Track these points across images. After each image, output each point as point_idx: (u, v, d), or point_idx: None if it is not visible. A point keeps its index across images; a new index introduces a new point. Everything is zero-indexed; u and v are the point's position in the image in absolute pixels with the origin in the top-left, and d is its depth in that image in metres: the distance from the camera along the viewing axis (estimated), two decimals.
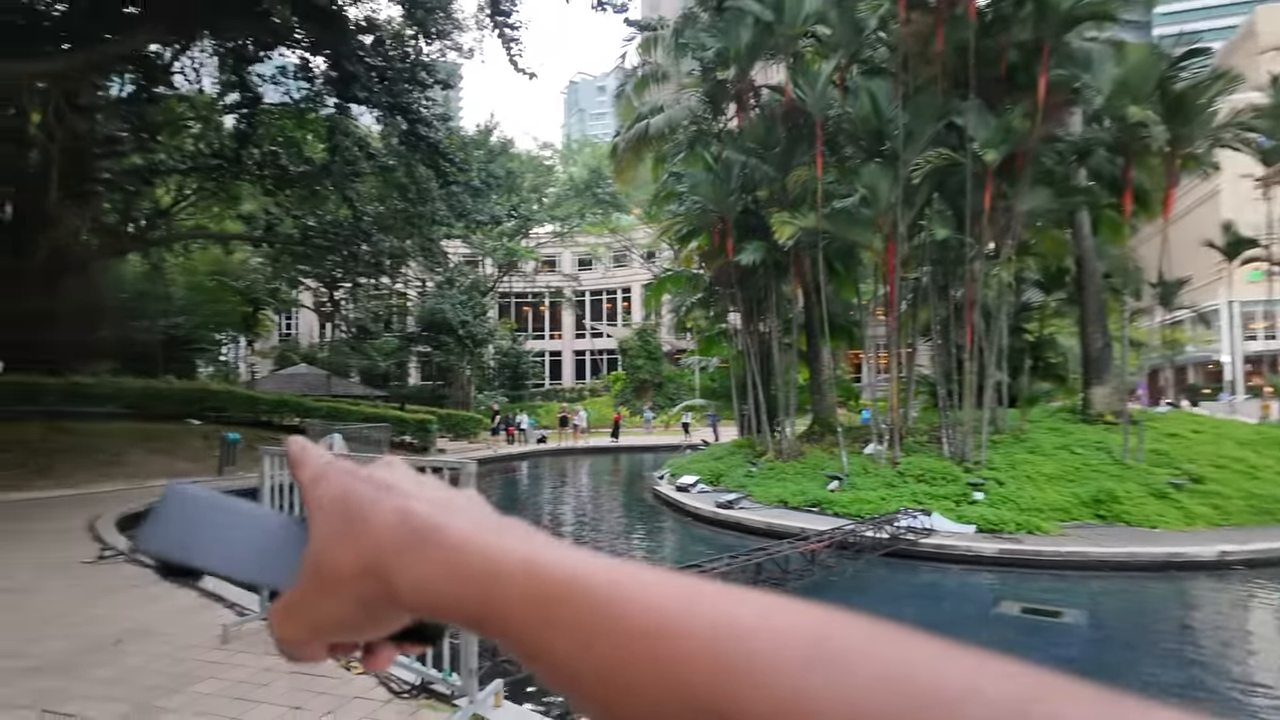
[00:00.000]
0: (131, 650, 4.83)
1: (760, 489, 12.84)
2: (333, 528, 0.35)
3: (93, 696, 4.07)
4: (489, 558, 0.31)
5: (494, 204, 24.57)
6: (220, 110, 22.37)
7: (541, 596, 0.29)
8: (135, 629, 5.30)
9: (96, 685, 4.24)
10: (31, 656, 4.69)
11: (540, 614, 0.28)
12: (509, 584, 0.29)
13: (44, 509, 12.10)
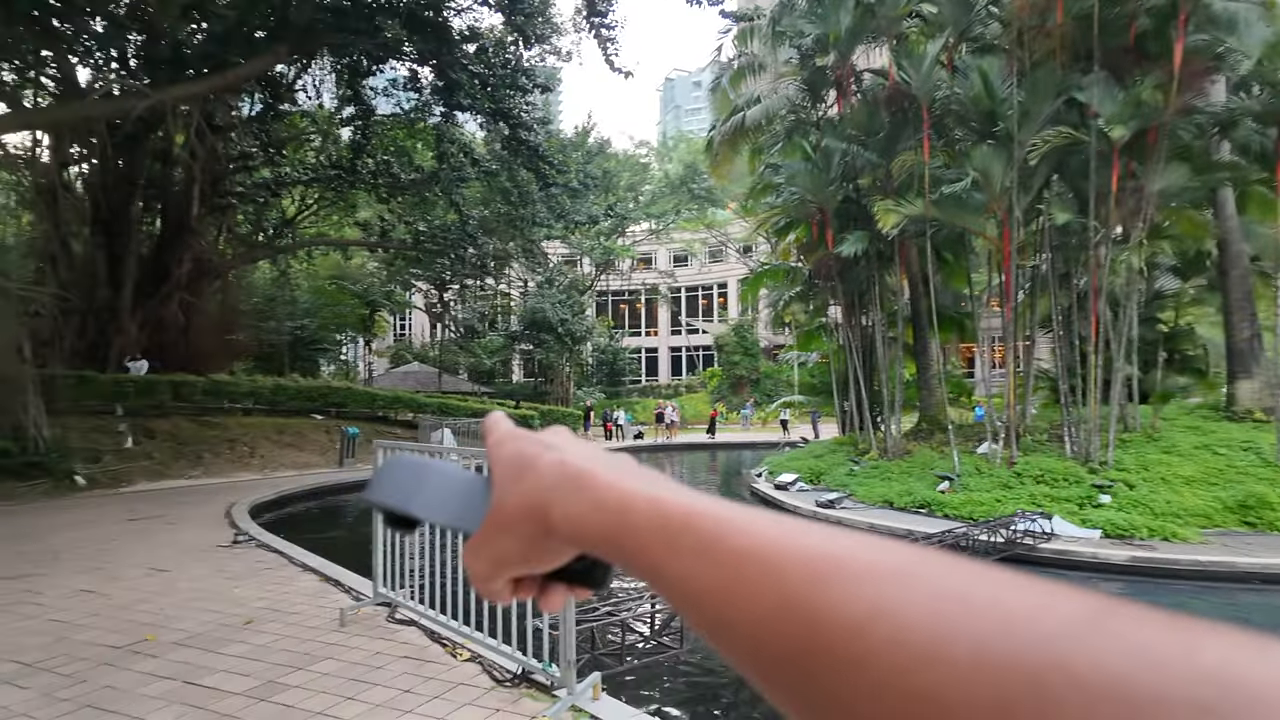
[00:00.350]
0: (261, 629, 5.21)
1: (863, 488, 12.42)
2: (508, 477, 0.42)
3: (226, 670, 4.41)
4: (624, 495, 0.37)
5: (591, 204, 25.00)
6: (338, 124, 23.84)
7: (666, 526, 0.34)
8: (265, 609, 5.71)
9: (230, 660, 4.59)
10: (178, 631, 5.14)
11: (665, 540, 0.34)
12: (639, 516, 0.36)
13: (191, 495, 13.28)
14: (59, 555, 7.85)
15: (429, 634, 5.05)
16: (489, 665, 4.46)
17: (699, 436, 32.22)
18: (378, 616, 5.49)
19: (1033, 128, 11.40)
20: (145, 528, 9.69)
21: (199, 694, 4.05)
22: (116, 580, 6.67)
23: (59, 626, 5.28)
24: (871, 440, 14.80)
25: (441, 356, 41.12)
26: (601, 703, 3.99)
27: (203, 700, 3.96)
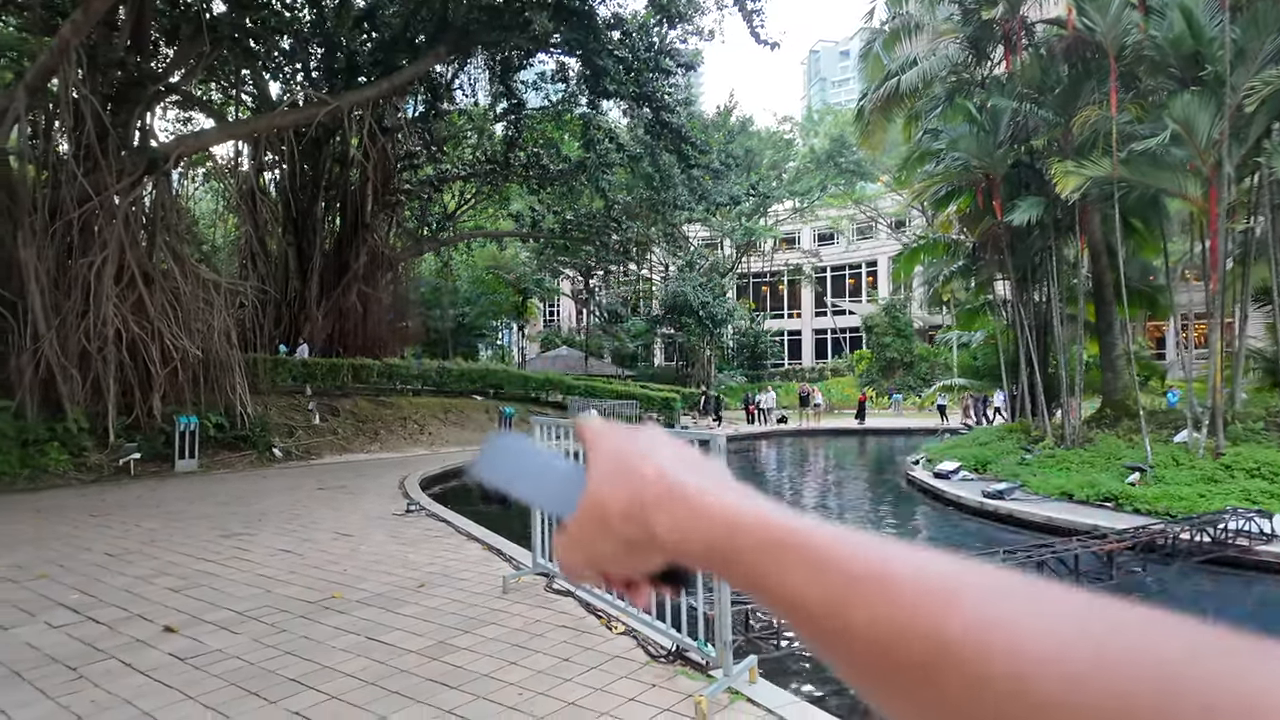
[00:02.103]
0: (433, 593, 5.55)
1: (1037, 479, 11.39)
2: (607, 476, 0.43)
3: (403, 629, 4.73)
4: (728, 510, 0.38)
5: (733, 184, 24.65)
6: (491, 120, 25.06)
7: (772, 542, 0.35)
8: (436, 574, 6.09)
9: (406, 619, 4.92)
10: (364, 592, 5.59)
11: (774, 558, 0.35)
12: (747, 535, 0.36)
13: (370, 468, 14.53)
14: (263, 518, 8.82)
15: (585, 605, 5.17)
16: (643, 640, 4.49)
17: (845, 422, 31.08)
18: (536, 585, 5.70)
19: (1250, 69, 9.85)
20: (332, 496, 10.70)
21: (380, 649, 4.37)
22: (309, 542, 7.39)
23: (265, 580, 5.90)
24: (1046, 427, 13.55)
25: (587, 341, 42.37)
26: (758, 686, 3.89)
27: (384, 656, 4.27)
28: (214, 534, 7.81)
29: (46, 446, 12.04)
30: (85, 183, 12.44)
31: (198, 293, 14.26)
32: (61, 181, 12.41)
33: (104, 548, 7.14)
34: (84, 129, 12.41)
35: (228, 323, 14.86)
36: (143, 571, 6.20)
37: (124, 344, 12.77)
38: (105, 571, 6.22)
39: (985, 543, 9.26)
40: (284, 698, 3.71)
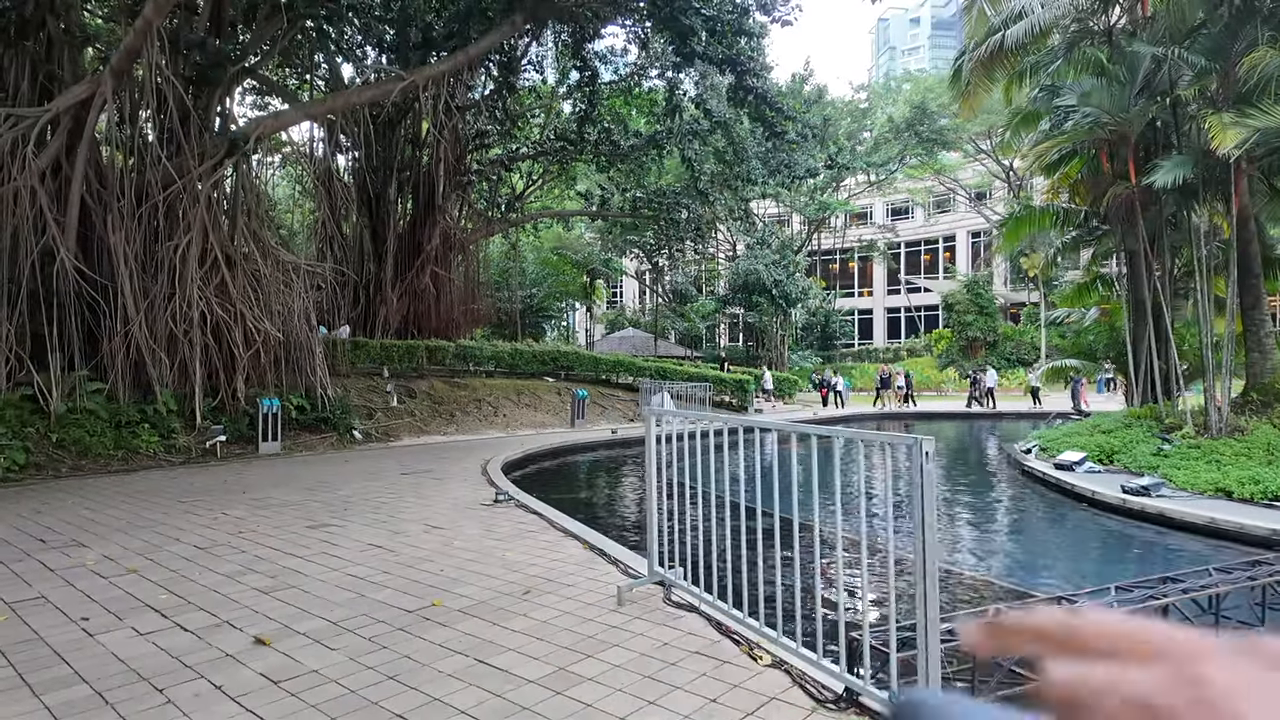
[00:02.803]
0: (540, 602, 4.97)
1: (1182, 473, 10.15)
2: None
3: (515, 649, 4.14)
4: None
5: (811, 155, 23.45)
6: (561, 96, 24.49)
7: None
8: (539, 578, 5.52)
9: (516, 637, 4.34)
10: (462, 597, 5.06)
11: None
12: None
13: (449, 451, 14.25)
14: (349, 506, 8.48)
15: (713, 624, 4.50)
16: (799, 677, 3.79)
17: (933, 405, 29.60)
18: (653, 596, 5.07)
19: None
20: (417, 482, 10.35)
21: (493, 677, 3.79)
22: (399, 536, 6.95)
23: (357, 583, 5.44)
24: (1186, 415, 12.17)
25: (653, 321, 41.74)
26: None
27: (498, 685, 3.69)
28: (301, 524, 7.47)
29: (138, 428, 12.12)
30: (169, 166, 12.38)
31: (277, 275, 14.18)
32: (147, 165, 12.38)
33: (192, 538, 6.87)
34: (167, 112, 12.33)
35: (307, 305, 14.76)
36: (230, 568, 5.84)
37: (208, 326, 12.76)
38: (193, 567, 5.89)
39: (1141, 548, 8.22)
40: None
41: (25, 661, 4.00)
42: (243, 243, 13.81)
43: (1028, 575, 7.50)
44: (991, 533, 9.71)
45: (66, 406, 11.31)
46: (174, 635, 4.40)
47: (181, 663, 3.98)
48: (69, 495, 9.36)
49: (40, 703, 3.49)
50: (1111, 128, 11.80)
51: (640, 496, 7.07)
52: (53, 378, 11.15)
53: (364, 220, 21.14)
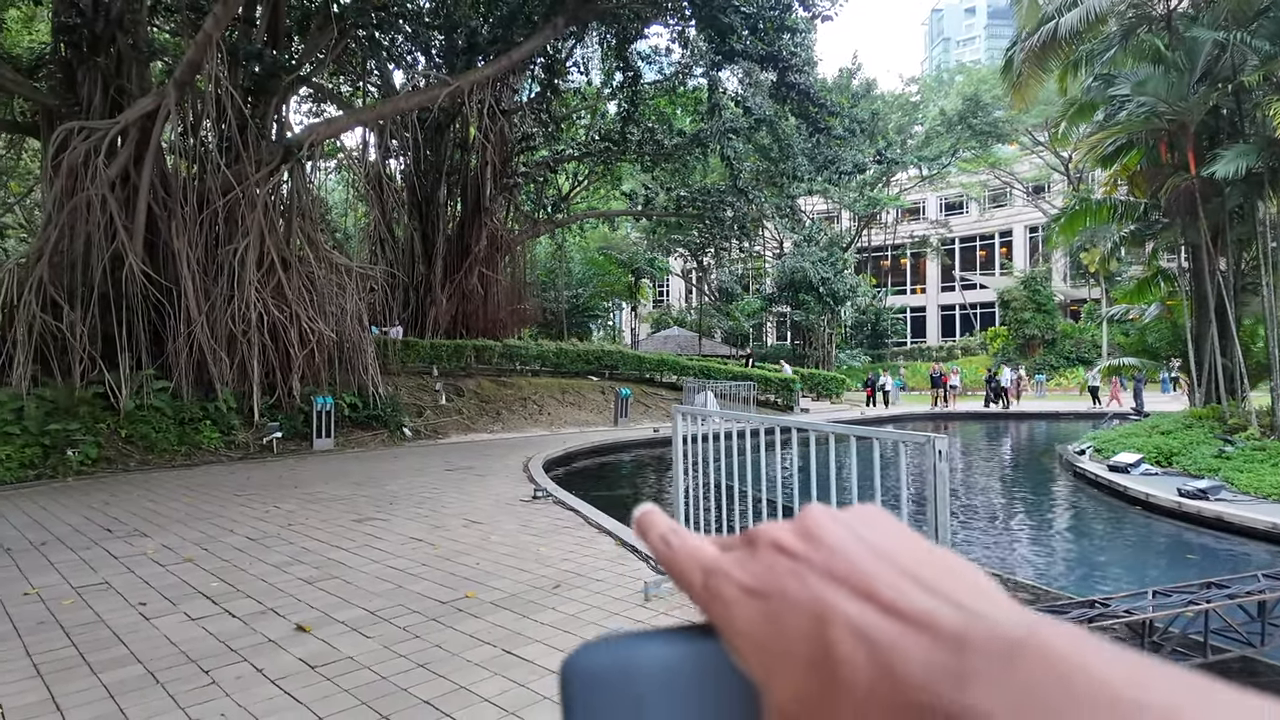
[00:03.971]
0: (569, 595, 5.09)
1: (1245, 475, 9.71)
2: (786, 674, 0.25)
3: (542, 641, 4.26)
4: None
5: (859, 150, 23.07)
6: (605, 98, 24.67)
7: None
8: (570, 573, 5.64)
9: (544, 629, 4.45)
10: (497, 591, 5.20)
11: None
12: None
13: (494, 449, 14.53)
14: (395, 501, 8.76)
15: None
16: None
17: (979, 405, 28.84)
18: (680, 592, 5.12)
19: None
20: (460, 478, 10.61)
21: (519, 668, 3.91)
22: (440, 530, 7.16)
23: (396, 574, 5.65)
24: (1251, 415, 11.63)
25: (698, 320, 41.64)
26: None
27: (523, 675, 3.81)
28: (348, 518, 7.76)
29: (200, 425, 12.72)
30: (228, 173, 12.94)
31: (331, 277, 14.67)
32: (207, 173, 12.96)
33: (245, 530, 7.20)
34: (226, 121, 12.90)
35: (359, 306, 15.23)
36: (279, 559, 6.12)
37: (266, 327, 13.28)
38: (244, 557, 6.19)
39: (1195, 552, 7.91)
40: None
41: (86, 642, 4.29)
42: (298, 246, 14.35)
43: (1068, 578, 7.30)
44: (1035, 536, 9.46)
45: (135, 404, 11.94)
46: (222, 621, 4.66)
47: (228, 647, 4.22)
48: (135, 488, 9.90)
49: (98, 680, 3.76)
50: (1170, 117, 11.34)
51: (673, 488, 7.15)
52: (122, 376, 11.79)
53: (414, 223, 21.71)
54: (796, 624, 0.25)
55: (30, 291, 11.23)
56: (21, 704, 3.51)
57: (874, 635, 0.24)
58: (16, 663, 3.99)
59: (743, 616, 0.26)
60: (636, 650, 0.28)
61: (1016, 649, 0.21)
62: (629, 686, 0.27)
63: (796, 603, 0.25)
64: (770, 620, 0.25)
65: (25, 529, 7.40)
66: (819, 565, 0.26)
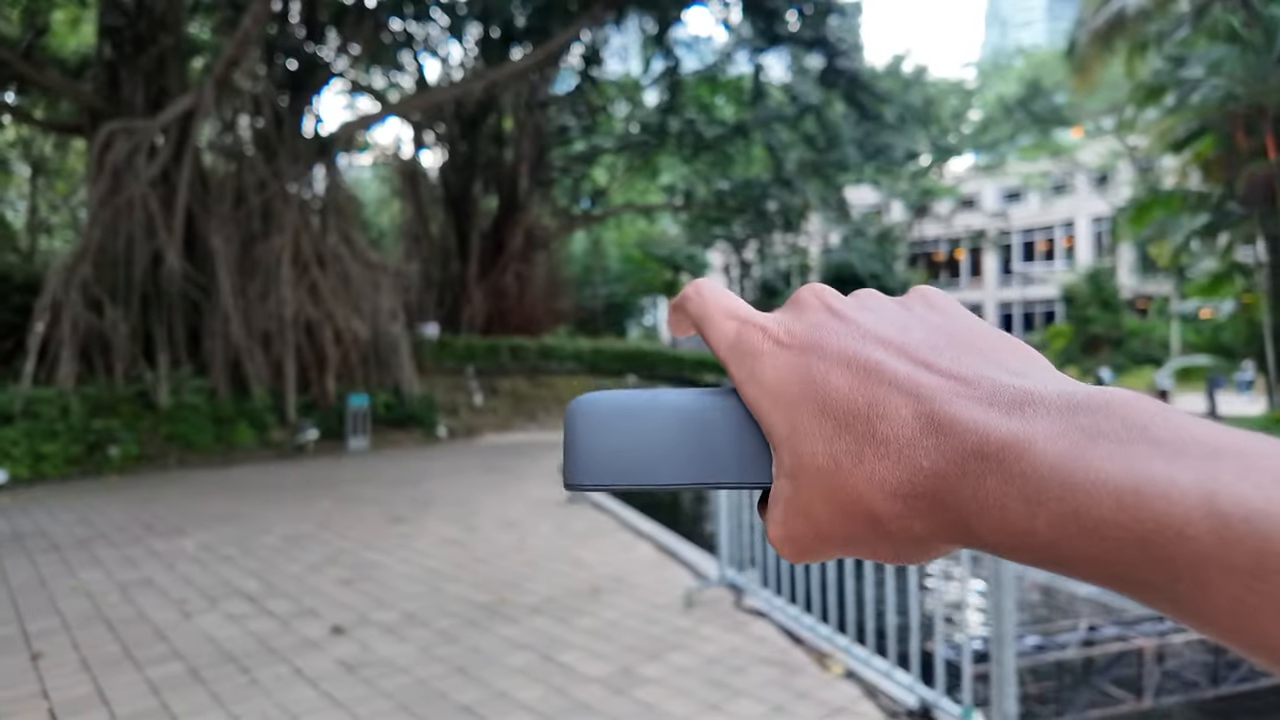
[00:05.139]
0: (608, 601, 4.93)
1: None
2: (815, 431, 0.25)
3: (580, 647, 4.10)
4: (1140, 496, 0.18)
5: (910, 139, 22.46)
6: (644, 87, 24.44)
7: (1255, 564, 0.17)
8: (609, 578, 5.47)
9: (582, 635, 4.30)
10: (534, 595, 5.07)
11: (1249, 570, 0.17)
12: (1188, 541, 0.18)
13: (529, 449, 14.45)
14: (430, 502, 8.70)
15: (787, 633, 4.34)
16: (871, 689, 3.59)
17: None
18: (722, 601, 4.92)
19: None
20: (496, 479, 10.53)
21: (557, 673, 3.77)
22: (475, 532, 7.06)
23: (432, 576, 5.55)
24: None
25: None
26: None
27: (562, 681, 3.66)
28: (382, 519, 7.71)
29: (236, 424, 12.84)
30: (265, 170, 13.04)
31: (366, 275, 14.72)
32: (244, 170, 13.08)
33: (282, 530, 7.19)
34: (263, 118, 13.00)
35: (394, 304, 15.27)
36: (314, 559, 6.07)
37: (301, 325, 13.36)
38: (281, 556, 6.16)
39: None
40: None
41: (131, 637, 4.32)
42: (334, 243, 14.43)
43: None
44: None
45: (173, 402, 12.10)
46: (261, 620, 4.62)
47: (267, 646, 4.18)
48: (174, 486, 10.01)
49: (143, 675, 3.78)
50: (1247, 100, 10.73)
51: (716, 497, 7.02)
52: (161, 374, 11.96)
53: (449, 219, 21.73)
54: (837, 380, 0.24)
55: (75, 290, 11.45)
56: (71, 697, 3.56)
57: (924, 391, 0.23)
58: (66, 656, 4.06)
59: (774, 368, 0.26)
60: (634, 392, 0.31)
61: (1083, 400, 0.21)
62: (616, 405, 0.30)
63: (840, 358, 0.25)
64: (804, 374, 0.25)
65: (71, 525, 7.51)
66: (869, 329, 0.26)
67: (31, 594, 5.19)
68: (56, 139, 19.56)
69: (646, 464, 0.29)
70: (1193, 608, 0.18)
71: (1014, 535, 0.21)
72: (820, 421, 0.24)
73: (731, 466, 0.29)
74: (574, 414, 0.31)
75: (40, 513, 8.18)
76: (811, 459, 0.24)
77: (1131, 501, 0.18)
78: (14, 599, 5.08)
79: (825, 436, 0.24)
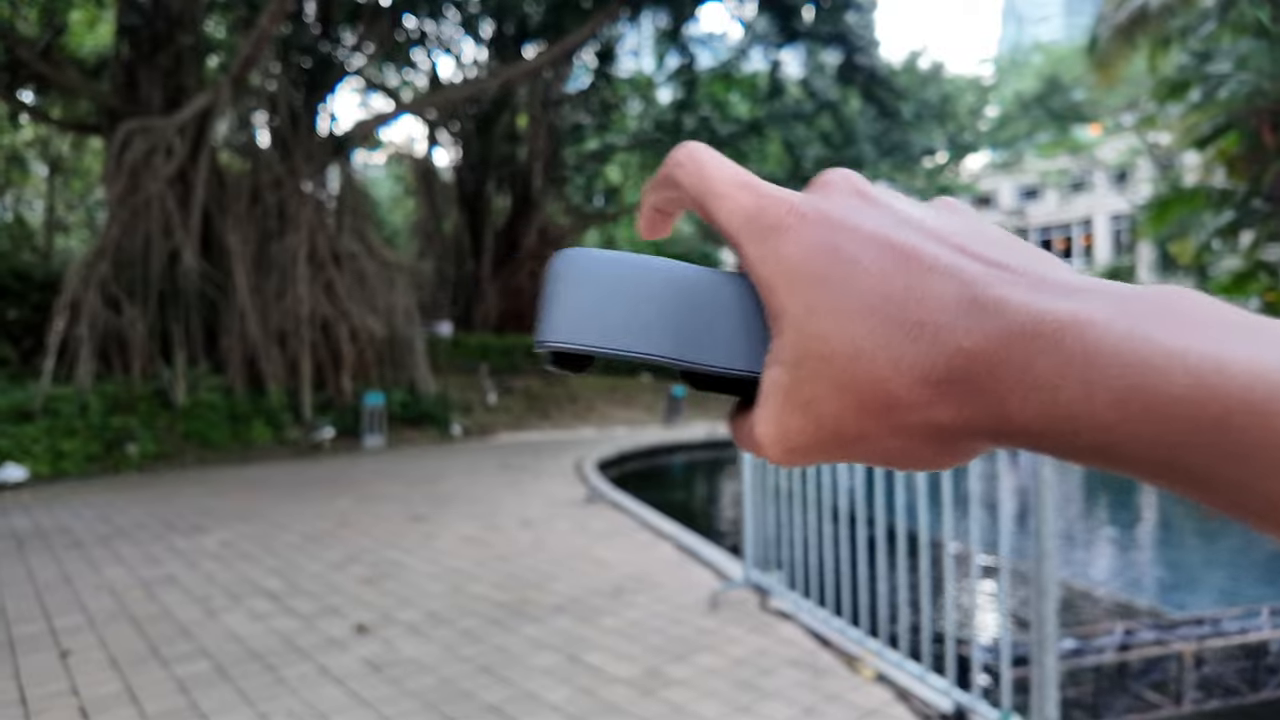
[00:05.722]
0: (631, 601, 4.90)
1: None
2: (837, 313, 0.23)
3: (606, 648, 4.07)
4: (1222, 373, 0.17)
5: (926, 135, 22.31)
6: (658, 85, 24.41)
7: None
8: (631, 578, 5.44)
9: (607, 636, 4.27)
10: (556, 594, 5.04)
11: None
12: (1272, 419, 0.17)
13: (545, 448, 14.44)
14: (448, 500, 8.70)
15: (814, 635, 4.29)
16: (904, 692, 3.55)
17: None
18: (747, 602, 4.88)
19: None
20: (513, 478, 10.52)
21: (584, 674, 3.74)
22: (495, 531, 7.05)
23: (454, 575, 5.53)
24: None
25: None
26: None
27: (589, 682, 3.63)
28: (401, 517, 7.71)
29: (252, 421, 12.89)
30: (280, 168, 13.09)
31: (381, 273, 14.75)
32: (260, 168, 13.13)
33: (301, 528, 7.20)
34: (278, 116, 13.04)
35: (409, 302, 15.30)
36: (336, 557, 6.07)
37: (316, 323, 13.40)
38: (301, 554, 6.16)
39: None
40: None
41: (157, 635, 4.33)
42: (349, 241, 14.45)
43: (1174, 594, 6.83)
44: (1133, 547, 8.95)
45: (190, 400, 12.17)
46: (284, 618, 4.61)
47: (291, 644, 4.17)
48: (192, 483, 10.05)
49: (170, 673, 3.78)
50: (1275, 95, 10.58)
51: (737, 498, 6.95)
52: (178, 372, 12.02)
53: (463, 218, 21.77)
54: (870, 260, 0.23)
55: (94, 289, 11.52)
56: (101, 694, 3.56)
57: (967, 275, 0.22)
58: (93, 653, 4.06)
59: (798, 244, 0.24)
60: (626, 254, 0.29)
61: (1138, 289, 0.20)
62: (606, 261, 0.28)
63: (875, 239, 0.24)
64: (833, 253, 0.24)
65: (92, 522, 7.55)
66: (904, 214, 0.25)
67: (57, 591, 5.22)
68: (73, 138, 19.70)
69: (630, 327, 0.27)
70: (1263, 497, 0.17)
71: (1064, 419, 0.19)
72: (844, 303, 0.23)
73: (720, 347, 0.26)
74: (558, 264, 0.28)
75: (62, 510, 8.23)
76: (825, 343, 0.23)
77: (1213, 379, 0.17)
78: (40, 596, 5.10)
79: (848, 319, 0.23)
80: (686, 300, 0.27)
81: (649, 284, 0.27)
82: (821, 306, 0.23)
